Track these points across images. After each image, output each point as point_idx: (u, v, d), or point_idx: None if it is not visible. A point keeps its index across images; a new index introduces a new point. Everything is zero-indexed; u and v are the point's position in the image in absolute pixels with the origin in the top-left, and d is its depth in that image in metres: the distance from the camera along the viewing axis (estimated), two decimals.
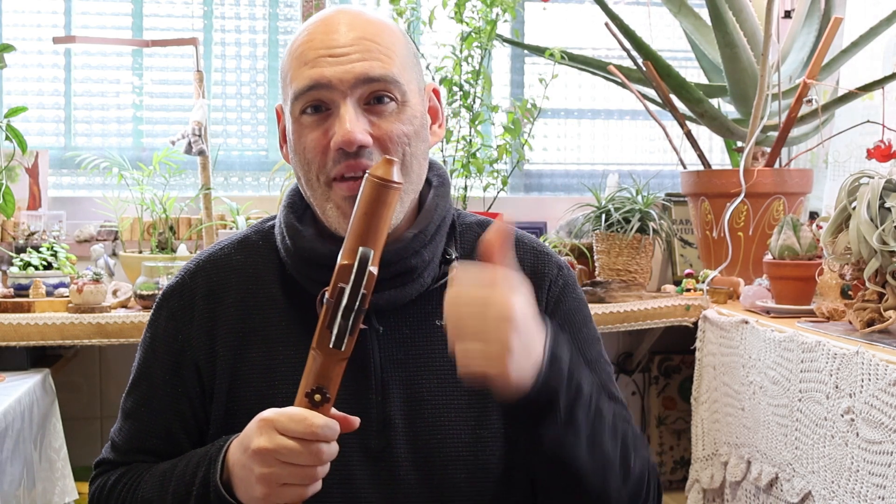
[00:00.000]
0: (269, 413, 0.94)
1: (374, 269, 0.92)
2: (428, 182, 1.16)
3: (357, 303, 0.92)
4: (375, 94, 1.05)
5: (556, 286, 1.18)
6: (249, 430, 0.96)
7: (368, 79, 1.04)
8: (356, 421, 0.96)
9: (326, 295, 0.94)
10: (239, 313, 1.12)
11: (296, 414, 0.92)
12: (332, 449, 0.93)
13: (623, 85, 2.36)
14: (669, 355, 2.53)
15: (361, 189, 0.94)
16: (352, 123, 1.03)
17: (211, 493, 0.98)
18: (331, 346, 0.93)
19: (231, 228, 2.28)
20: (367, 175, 0.93)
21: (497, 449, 1.10)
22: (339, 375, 0.95)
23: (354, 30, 1.06)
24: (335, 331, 0.93)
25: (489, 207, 2.39)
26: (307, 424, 0.91)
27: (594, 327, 1.22)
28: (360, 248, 0.92)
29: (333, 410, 0.95)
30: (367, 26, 1.07)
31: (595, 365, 1.18)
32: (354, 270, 0.92)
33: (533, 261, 1.18)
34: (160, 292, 1.18)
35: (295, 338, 1.10)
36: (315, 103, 1.05)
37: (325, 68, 1.04)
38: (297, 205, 1.14)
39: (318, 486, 0.94)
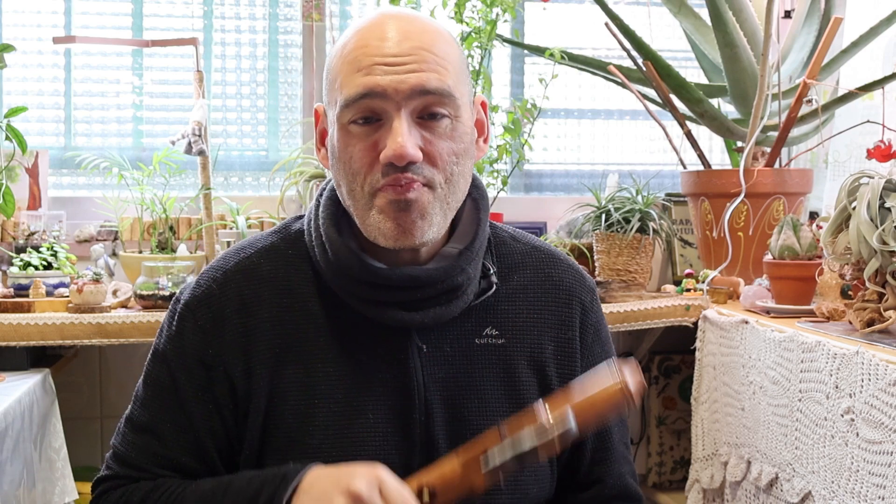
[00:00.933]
0: (384, 471, 0.94)
1: (555, 441, 0.95)
2: (468, 195, 1.12)
3: (528, 455, 0.94)
4: (429, 110, 1.01)
5: (592, 315, 1.18)
6: (352, 468, 0.95)
7: (424, 91, 1.00)
8: None
9: (505, 428, 0.95)
10: (275, 329, 1.06)
11: (404, 493, 0.93)
12: None
13: (623, 85, 2.36)
14: (669, 355, 2.53)
15: (608, 389, 0.96)
16: (404, 137, 0.98)
17: None
18: (481, 470, 0.94)
19: (231, 228, 2.28)
20: (620, 385, 0.95)
21: (535, 472, 1.10)
22: (458, 493, 0.95)
23: (411, 38, 1.01)
24: (496, 464, 0.94)
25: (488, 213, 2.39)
26: None
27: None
28: (571, 424, 0.94)
29: None
30: (423, 35, 1.03)
31: (619, 425, 1.21)
32: (553, 435, 0.94)
33: (570, 282, 1.18)
34: (180, 301, 1.11)
35: (334, 354, 1.06)
36: (367, 113, 1.01)
37: (380, 77, 0.99)
38: (335, 216, 1.09)
39: None
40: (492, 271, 1.12)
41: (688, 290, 2.13)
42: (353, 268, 1.05)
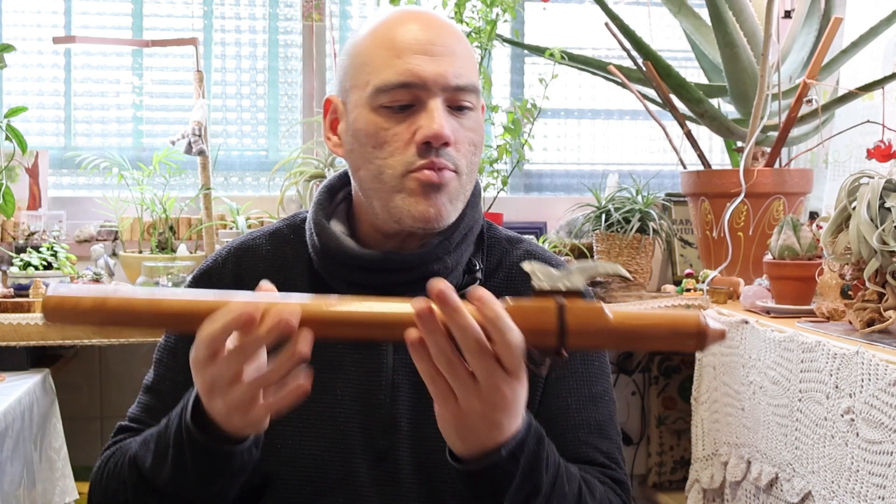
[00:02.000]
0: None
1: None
2: None
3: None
4: (458, 102, 1.07)
5: None
6: None
7: (458, 86, 1.06)
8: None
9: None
10: None
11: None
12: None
13: (623, 85, 2.36)
14: (669, 355, 2.53)
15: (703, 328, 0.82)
16: (441, 119, 1.04)
17: (182, 430, 0.93)
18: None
19: (231, 228, 2.28)
20: (701, 323, 0.82)
21: None
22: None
23: (443, 32, 1.08)
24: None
25: (489, 207, 2.39)
26: (201, 331, 0.84)
27: (606, 361, 1.21)
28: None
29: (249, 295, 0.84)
30: (451, 30, 1.10)
31: (598, 400, 1.17)
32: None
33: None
34: (192, 274, 1.21)
35: None
36: (406, 101, 1.05)
37: (420, 66, 1.04)
38: (326, 203, 1.16)
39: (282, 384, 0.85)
40: (478, 267, 1.15)
41: (688, 290, 2.13)
42: (331, 249, 1.10)
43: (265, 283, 0.86)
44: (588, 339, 0.81)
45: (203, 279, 1.18)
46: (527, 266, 0.85)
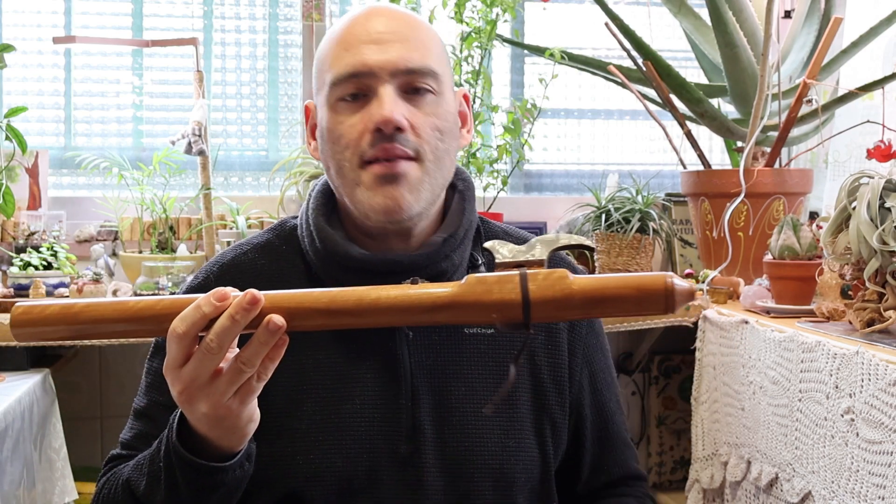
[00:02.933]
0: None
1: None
2: (453, 187, 1.16)
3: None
4: (413, 84, 1.06)
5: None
6: None
7: (408, 69, 1.05)
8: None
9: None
10: None
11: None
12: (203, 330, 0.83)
13: (623, 85, 2.36)
14: (669, 355, 2.53)
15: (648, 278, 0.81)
16: (391, 105, 1.03)
17: (171, 451, 0.93)
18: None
19: (231, 228, 2.28)
20: (668, 281, 0.80)
21: (523, 460, 1.10)
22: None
23: (395, 20, 1.07)
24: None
25: (489, 207, 2.39)
26: (171, 327, 0.83)
27: (612, 364, 1.24)
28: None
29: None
30: (407, 18, 1.09)
31: (613, 416, 1.21)
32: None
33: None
34: (179, 291, 1.16)
35: (324, 342, 1.08)
36: (354, 90, 1.05)
37: (367, 55, 1.04)
38: (325, 206, 1.13)
39: (237, 372, 0.84)
40: (480, 262, 1.14)
41: None
42: (339, 255, 1.07)
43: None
44: (553, 308, 0.79)
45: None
46: (488, 244, 0.85)
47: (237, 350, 0.84)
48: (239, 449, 0.94)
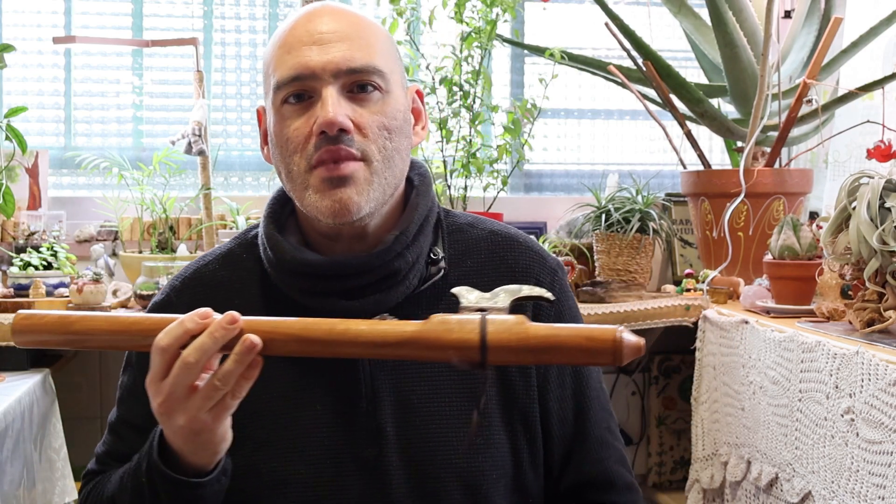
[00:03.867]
0: None
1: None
2: (409, 181, 1.14)
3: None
4: (358, 83, 1.04)
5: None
6: None
7: (350, 69, 1.03)
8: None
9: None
10: None
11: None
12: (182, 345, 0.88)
13: (623, 85, 2.36)
14: (669, 355, 2.53)
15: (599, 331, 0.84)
16: (334, 107, 1.02)
17: (152, 467, 0.96)
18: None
19: (231, 228, 2.28)
20: (616, 335, 0.83)
21: (492, 456, 1.08)
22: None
23: (337, 20, 1.06)
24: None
25: (489, 207, 2.39)
26: (155, 341, 0.89)
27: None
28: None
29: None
30: (350, 17, 1.08)
31: (594, 409, 1.16)
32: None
33: (527, 262, 1.15)
34: (147, 308, 1.16)
35: None
36: (298, 91, 1.04)
37: (309, 57, 1.03)
38: (278, 213, 1.13)
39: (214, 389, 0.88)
40: (440, 256, 1.12)
41: (688, 290, 2.13)
42: (287, 261, 1.07)
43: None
44: (509, 352, 0.85)
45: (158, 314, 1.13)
46: (455, 290, 0.91)
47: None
48: (211, 466, 0.96)
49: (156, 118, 2.55)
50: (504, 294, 0.90)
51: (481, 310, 0.88)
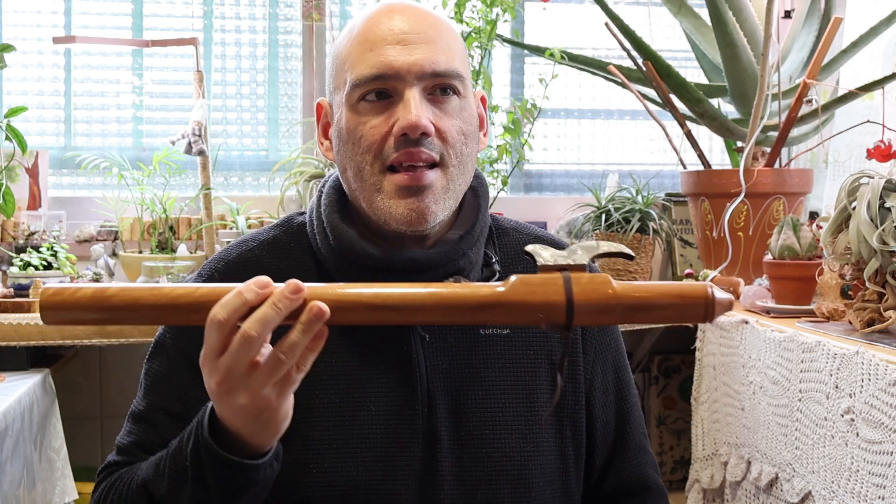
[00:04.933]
0: None
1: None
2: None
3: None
4: (441, 86, 1.03)
5: None
6: None
7: (435, 72, 1.02)
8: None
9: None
10: None
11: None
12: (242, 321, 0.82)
13: (623, 85, 2.36)
14: (669, 355, 2.53)
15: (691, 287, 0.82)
16: (417, 109, 1.00)
17: (201, 448, 0.90)
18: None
19: (231, 228, 2.28)
20: (708, 291, 0.81)
21: (541, 464, 1.08)
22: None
23: (419, 20, 1.05)
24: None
25: (489, 207, 2.39)
26: (210, 314, 0.81)
27: (627, 364, 1.21)
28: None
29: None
30: (430, 18, 1.07)
31: (634, 415, 1.17)
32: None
33: None
34: None
35: (336, 345, 1.04)
36: (379, 90, 1.02)
37: (393, 56, 1.01)
38: (339, 203, 1.10)
39: (274, 367, 0.82)
40: (494, 259, 1.12)
41: None
42: (354, 252, 1.04)
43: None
44: (596, 311, 0.80)
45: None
46: (529, 248, 0.85)
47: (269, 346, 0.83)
48: (269, 447, 0.91)
49: (156, 118, 2.55)
50: (582, 251, 0.85)
51: (562, 268, 0.83)
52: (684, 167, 2.36)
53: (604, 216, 2.19)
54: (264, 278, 0.82)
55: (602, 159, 2.81)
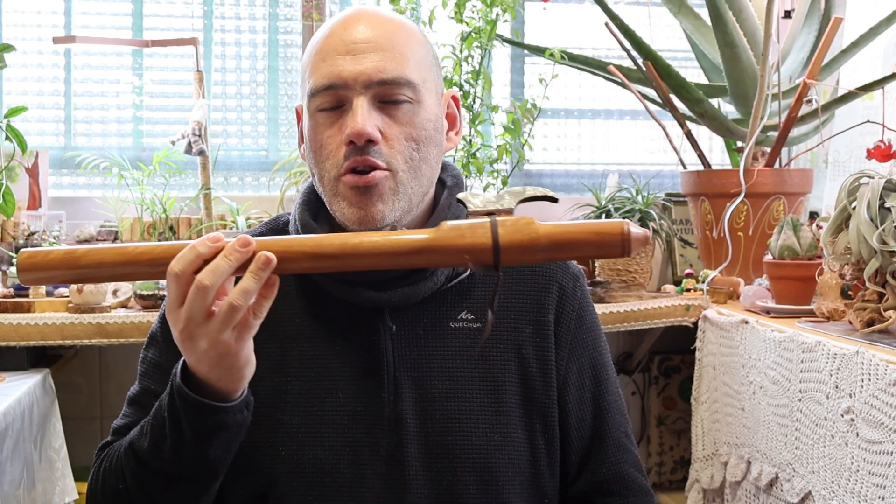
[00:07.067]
0: None
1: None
2: (441, 182, 1.16)
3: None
4: (389, 96, 1.06)
5: (573, 301, 1.17)
6: None
7: (382, 80, 1.05)
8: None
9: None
10: None
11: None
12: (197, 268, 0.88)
13: (623, 85, 2.36)
14: (669, 355, 2.53)
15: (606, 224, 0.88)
16: (363, 118, 1.03)
17: (174, 394, 0.96)
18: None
19: (231, 228, 2.28)
20: (624, 227, 0.87)
21: (509, 455, 1.10)
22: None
23: (373, 28, 1.07)
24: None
25: None
26: (169, 268, 0.88)
27: (608, 362, 1.21)
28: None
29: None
30: (385, 25, 1.09)
31: (612, 413, 1.17)
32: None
33: (551, 267, 1.17)
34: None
35: (308, 333, 1.10)
36: (331, 102, 1.06)
37: (342, 67, 1.05)
38: (312, 202, 1.15)
39: (233, 308, 0.88)
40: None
41: (688, 290, 2.13)
42: None
43: None
44: (521, 251, 0.87)
45: None
46: (461, 195, 0.93)
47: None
48: (237, 393, 0.97)
49: (156, 118, 2.55)
50: (509, 196, 0.92)
51: (490, 213, 0.90)
52: (684, 167, 2.36)
53: (604, 216, 2.19)
54: (217, 234, 0.90)
55: (602, 159, 2.81)
